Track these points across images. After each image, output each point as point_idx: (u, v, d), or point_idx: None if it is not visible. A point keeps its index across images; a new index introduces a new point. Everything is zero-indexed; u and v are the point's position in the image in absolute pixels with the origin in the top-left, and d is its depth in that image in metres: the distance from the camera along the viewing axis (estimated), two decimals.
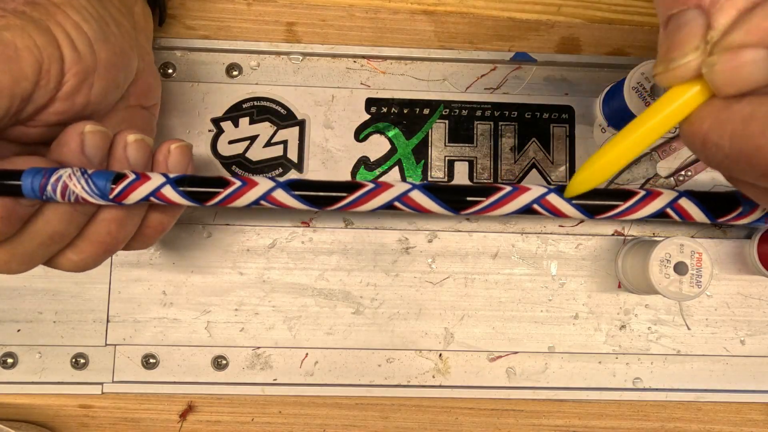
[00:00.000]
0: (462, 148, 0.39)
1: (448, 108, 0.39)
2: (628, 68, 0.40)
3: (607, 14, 0.42)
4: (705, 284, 0.35)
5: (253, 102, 0.39)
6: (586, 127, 0.40)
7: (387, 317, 0.38)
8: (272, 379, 0.38)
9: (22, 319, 0.37)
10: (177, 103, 0.39)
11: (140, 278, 0.38)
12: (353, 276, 0.38)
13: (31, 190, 0.25)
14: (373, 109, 0.39)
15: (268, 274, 0.38)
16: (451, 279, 0.39)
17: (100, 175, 0.26)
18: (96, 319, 0.37)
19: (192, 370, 0.38)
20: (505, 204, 0.26)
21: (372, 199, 0.26)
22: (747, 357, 0.39)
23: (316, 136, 0.39)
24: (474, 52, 0.40)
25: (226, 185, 0.26)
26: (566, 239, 0.39)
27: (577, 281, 0.39)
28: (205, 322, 0.38)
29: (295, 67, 0.40)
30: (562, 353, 0.39)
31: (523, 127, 0.40)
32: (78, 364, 0.37)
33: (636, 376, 0.39)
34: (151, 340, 0.37)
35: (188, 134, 0.38)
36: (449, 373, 0.38)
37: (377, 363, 0.38)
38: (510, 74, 0.40)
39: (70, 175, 0.25)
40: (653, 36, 0.42)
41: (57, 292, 0.37)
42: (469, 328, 0.38)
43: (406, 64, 0.40)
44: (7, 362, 0.37)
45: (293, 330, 0.38)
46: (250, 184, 0.26)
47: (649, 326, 0.39)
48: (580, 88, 0.40)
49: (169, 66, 0.39)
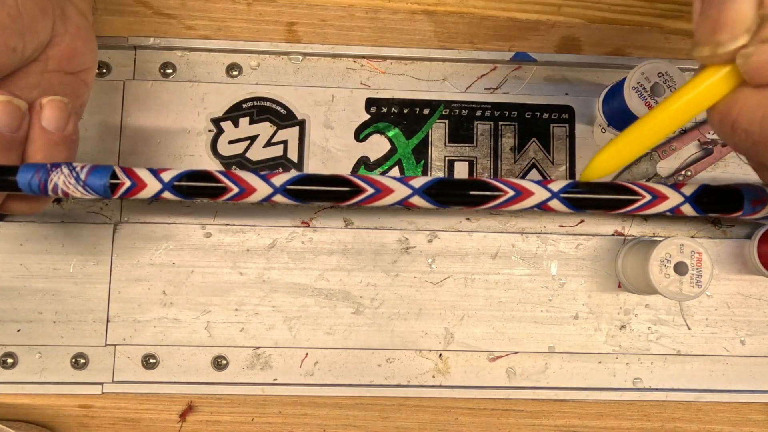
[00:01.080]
0: (462, 148, 0.39)
1: (448, 108, 0.39)
2: (628, 68, 0.41)
3: (607, 14, 0.42)
4: (705, 284, 0.35)
5: (253, 102, 0.39)
6: (586, 127, 0.40)
7: (387, 317, 0.38)
8: (272, 379, 0.38)
9: (22, 319, 0.37)
10: (177, 103, 0.39)
11: (140, 278, 0.38)
12: (353, 276, 0.38)
13: (28, 185, 0.26)
14: (373, 109, 0.39)
15: (268, 274, 0.38)
16: (451, 279, 0.39)
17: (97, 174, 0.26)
18: (96, 319, 0.37)
19: (192, 370, 0.38)
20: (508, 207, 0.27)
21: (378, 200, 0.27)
22: (747, 357, 0.39)
23: (316, 136, 0.39)
24: (474, 52, 0.40)
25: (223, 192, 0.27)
26: (566, 239, 0.39)
27: (577, 281, 0.39)
28: (205, 322, 0.38)
29: (295, 67, 0.40)
30: (562, 353, 0.39)
31: (523, 127, 0.40)
32: (78, 364, 0.37)
33: (636, 376, 0.39)
34: (151, 340, 0.37)
35: (188, 134, 0.38)
36: (449, 373, 0.38)
37: (377, 363, 0.38)
38: (510, 74, 0.40)
39: (66, 182, 0.26)
40: (653, 36, 0.42)
41: (57, 292, 0.37)
42: (469, 328, 0.38)
43: (406, 64, 0.40)
44: (7, 362, 0.37)
45: (293, 330, 0.38)
46: (249, 190, 0.27)
47: (649, 326, 0.39)
48: (580, 88, 0.40)
49: (169, 66, 0.39)
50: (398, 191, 0.28)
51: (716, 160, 0.40)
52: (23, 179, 0.27)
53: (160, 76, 0.39)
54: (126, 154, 0.38)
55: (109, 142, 0.38)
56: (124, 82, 0.39)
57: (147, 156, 0.38)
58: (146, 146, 0.38)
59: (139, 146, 0.38)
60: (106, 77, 0.39)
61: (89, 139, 0.38)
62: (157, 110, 0.38)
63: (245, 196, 0.28)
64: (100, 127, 0.38)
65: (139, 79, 0.39)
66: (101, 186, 0.27)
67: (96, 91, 0.38)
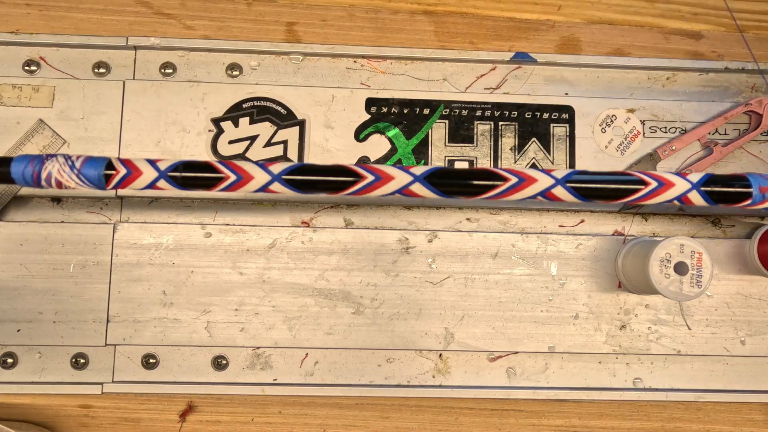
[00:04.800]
0: (462, 148, 0.39)
1: (448, 108, 0.39)
2: (628, 68, 0.41)
3: (607, 14, 0.42)
4: (705, 284, 0.35)
5: (253, 102, 0.39)
6: (586, 127, 0.40)
7: (387, 317, 0.38)
8: (272, 379, 0.38)
9: (22, 319, 0.37)
10: (177, 103, 0.39)
11: (140, 278, 0.38)
12: (353, 276, 0.38)
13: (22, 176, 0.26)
14: (373, 109, 0.39)
15: (268, 274, 0.38)
16: (451, 279, 0.39)
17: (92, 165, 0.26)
18: (96, 319, 0.37)
19: (192, 370, 0.38)
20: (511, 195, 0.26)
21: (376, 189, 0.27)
22: (747, 357, 0.39)
23: (316, 136, 0.39)
24: (474, 52, 0.40)
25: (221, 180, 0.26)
26: (566, 239, 0.39)
27: (577, 281, 0.39)
28: (205, 322, 0.38)
29: (295, 67, 0.40)
30: (563, 353, 0.39)
31: (523, 127, 0.40)
32: (78, 364, 0.37)
33: (636, 376, 0.39)
34: (151, 340, 0.37)
35: (188, 134, 0.38)
36: (449, 373, 0.38)
37: (377, 363, 0.38)
38: (510, 74, 0.40)
39: (60, 171, 0.26)
40: (653, 36, 0.42)
41: (57, 292, 0.37)
42: (469, 328, 0.38)
43: (406, 64, 0.40)
44: (7, 362, 0.37)
45: (293, 330, 0.38)
46: (246, 178, 0.26)
47: (649, 326, 0.39)
48: (580, 88, 0.40)
49: (169, 66, 0.39)
50: (399, 178, 0.27)
51: (716, 160, 0.40)
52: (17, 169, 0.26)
53: (160, 76, 0.39)
54: (125, 154, 0.38)
55: (108, 142, 0.38)
56: (124, 82, 0.39)
57: (147, 156, 0.38)
58: (146, 146, 0.38)
59: (138, 146, 0.38)
60: (106, 77, 0.39)
61: (89, 139, 0.38)
62: (157, 110, 0.38)
63: (243, 184, 0.27)
64: (100, 127, 0.38)
65: (139, 79, 0.39)
66: (96, 175, 0.27)
67: (96, 91, 0.38)
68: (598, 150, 0.40)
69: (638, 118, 0.40)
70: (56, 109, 0.38)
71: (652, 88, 0.41)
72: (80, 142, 0.38)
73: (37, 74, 0.39)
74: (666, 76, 0.41)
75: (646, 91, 0.41)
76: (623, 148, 0.40)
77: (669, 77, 0.41)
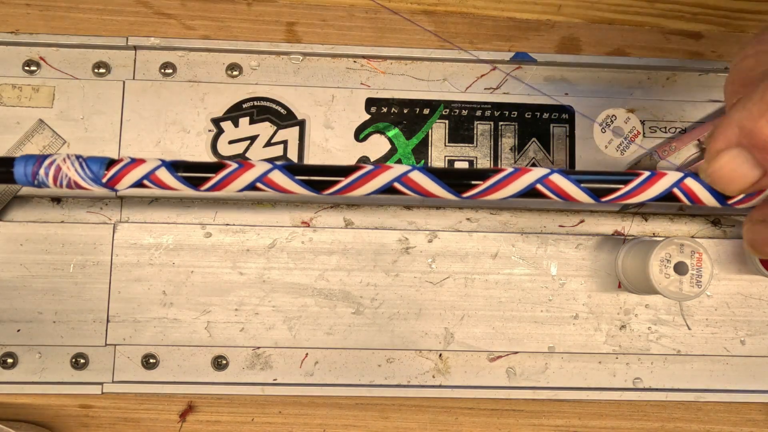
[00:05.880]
0: (462, 148, 0.39)
1: (448, 108, 0.39)
2: (628, 68, 0.41)
3: (607, 14, 0.42)
4: (705, 284, 0.35)
5: (253, 102, 0.39)
6: (586, 127, 0.40)
7: (387, 317, 0.38)
8: (272, 379, 0.38)
9: (22, 319, 0.37)
10: (177, 103, 0.39)
11: (140, 278, 0.38)
12: (353, 276, 0.38)
13: (24, 176, 0.25)
14: (373, 109, 0.39)
15: (268, 274, 0.38)
16: (451, 279, 0.39)
17: (95, 160, 0.26)
18: (96, 319, 0.37)
19: (192, 370, 0.38)
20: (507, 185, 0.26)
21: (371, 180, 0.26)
22: (747, 357, 0.39)
23: (316, 136, 0.39)
24: (474, 52, 0.40)
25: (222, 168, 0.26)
26: (566, 239, 0.39)
27: (577, 281, 0.39)
28: (205, 322, 0.38)
29: (295, 67, 0.40)
30: (562, 353, 0.39)
31: (523, 127, 0.40)
32: (78, 364, 0.37)
33: (636, 376, 0.39)
34: (151, 340, 0.37)
35: (188, 134, 0.38)
36: (449, 373, 0.38)
37: (377, 363, 0.38)
38: (510, 74, 0.40)
39: (64, 159, 0.25)
40: (653, 36, 0.42)
41: (57, 292, 0.37)
42: (469, 328, 0.38)
43: (406, 64, 0.40)
44: (7, 362, 0.37)
45: (293, 330, 0.38)
46: (247, 166, 0.26)
47: (649, 326, 0.39)
48: (580, 88, 0.40)
49: (169, 66, 0.39)
50: (396, 167, 0.27)
51: None
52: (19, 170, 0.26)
53: (160, 76, 0.39)
54: (125, 154, 0.38)
55: (108, 142, 0.38)
56: (124, 82, 0.39)
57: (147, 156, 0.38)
58: (146, 146, 0.38)
59: (138, 146, 0.38)
60: (106, 77, 0.39)
61: (89, 139, 0.38)
62: (157, 110, 0.38)
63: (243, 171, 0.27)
64: (100, 127, 0.38)
65: (139, 79, 0.39)
66: (98, 161, 0.27)
67: (96, 91, 0.38)
68: (598, 150, 0.40)
69: (638, 117, 0.40)
70: (56, 109, 0.38)
71: (652, 88, 0.41)
72: (80, 142, 0.38)
73: (37, 74, 0.39)
74: (666, 76, 0.41)
75: (646, 91, 0.41)
76: (623, 148, 0.40)
77: (669, 77, 0.41)
